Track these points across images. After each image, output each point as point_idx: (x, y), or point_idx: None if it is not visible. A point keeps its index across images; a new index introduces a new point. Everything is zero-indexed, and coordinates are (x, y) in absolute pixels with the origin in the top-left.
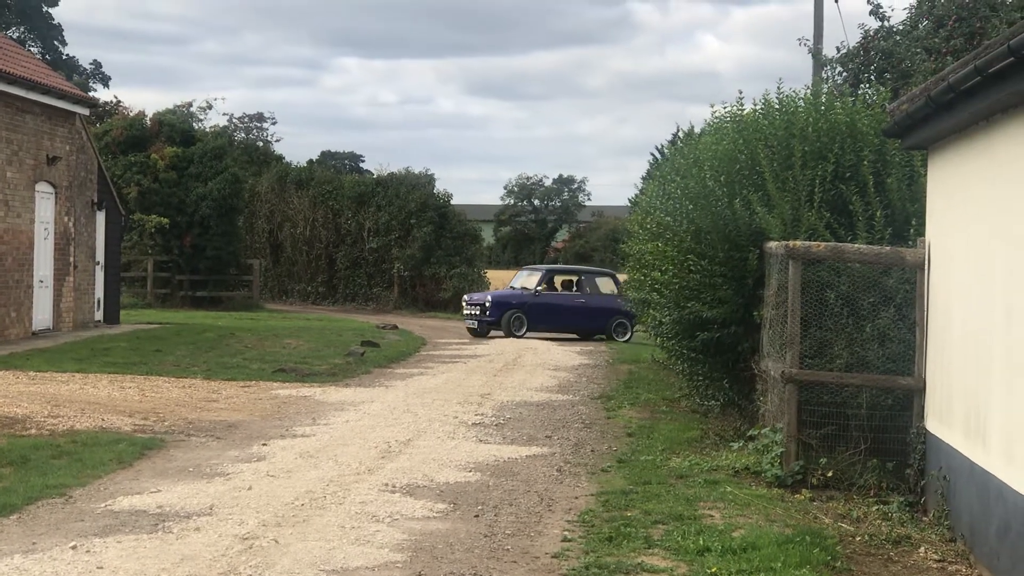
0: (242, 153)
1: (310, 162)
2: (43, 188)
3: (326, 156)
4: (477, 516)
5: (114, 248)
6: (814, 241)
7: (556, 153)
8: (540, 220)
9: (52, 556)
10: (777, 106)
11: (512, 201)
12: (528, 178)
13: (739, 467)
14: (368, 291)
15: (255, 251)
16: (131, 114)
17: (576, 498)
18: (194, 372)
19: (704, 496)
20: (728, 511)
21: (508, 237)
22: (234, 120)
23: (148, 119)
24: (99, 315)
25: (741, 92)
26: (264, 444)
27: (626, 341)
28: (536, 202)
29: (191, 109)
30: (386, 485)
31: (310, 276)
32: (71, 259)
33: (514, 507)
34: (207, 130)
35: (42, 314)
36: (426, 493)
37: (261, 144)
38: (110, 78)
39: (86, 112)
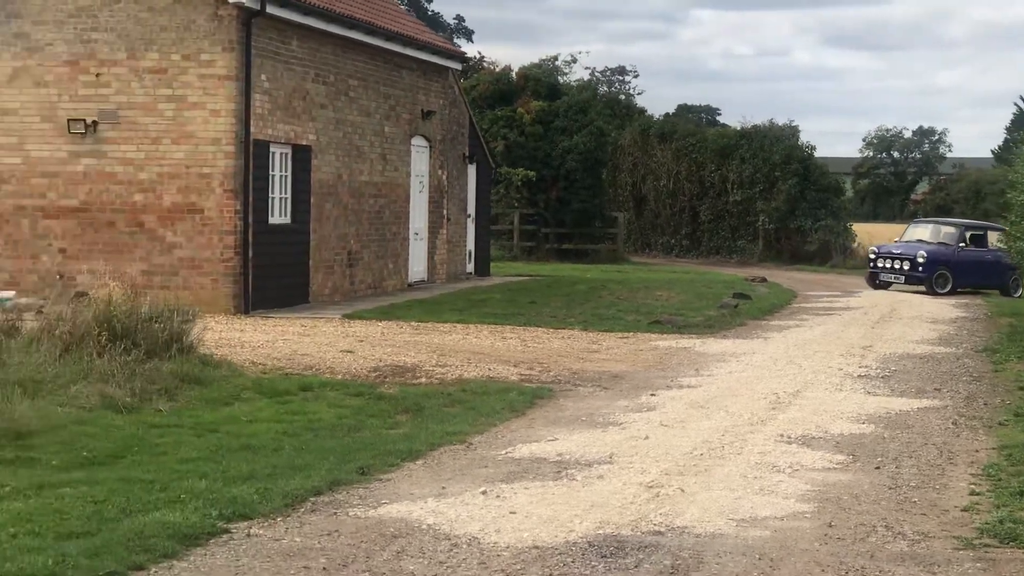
0: (604, 107)
1: (667, 115)
2: (418, 142)
3: (682, 109)
4: (878, 468)
5: (484, 201)
6: None
7: (914, 104)
8: (899, 172)
9: (464, 500)
10: None
11: (871, 153)
12: (887, 130)
13: None
14: (732, 244)
15: (618, 204)
16: (497, 69)
17: (976, 451)
18: (571, 323)
19: None
20: None
21: (866, 190)
22: (596, 74)
23: (514, 73)
24: (470, 267)
25: None
26: (652, 394)
27: (1019, 296)
28: (895, 154)
29: (556, 63)
30: (781, 436)
31: (673, 229)
32: (444, 212)
33: (914, 459)
34: (572, 84)
35: (417, 266)
36: (822, 444)
37: (623, 98)
38: (473, 32)
39: (458, 67)
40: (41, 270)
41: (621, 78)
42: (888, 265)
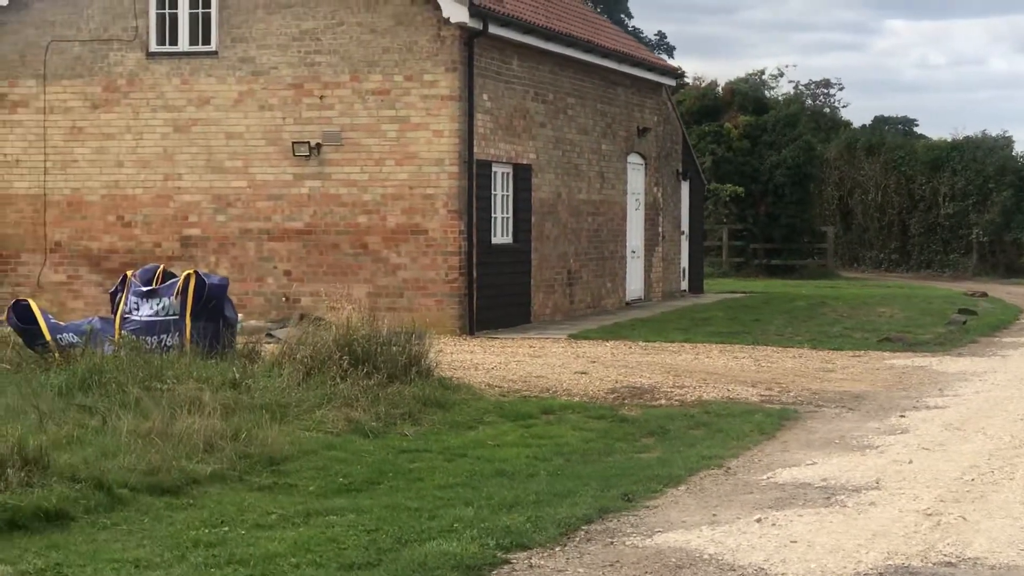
0: (809, 120)
1: (863, 127)
2: (634, 159)
3: (879, 121)
4: None
5: (697, 218)
6: None
7: None
8: None
9: (739, 529)
10: None
11: None
12: None
13: None
14: (944, 258)
15: (824, 219)
16: (703, 84)
17: None
18: (799, 342)
19: None
20: None
21: None
22: (800, 87)
23: (720, 88)
24: (684, 285)
25: None
26: (901, 415)
27: None
28: None
29: (763, 77)
30: None
31: (882, 243)
32: (659, 229)
33: None
34: (778, 98)
35: (634, 284)
36: None
37: (827, 111)
38: (675, 48)
39: (672, 83)
40: (267, 292)
41: (825, 91)
42: None
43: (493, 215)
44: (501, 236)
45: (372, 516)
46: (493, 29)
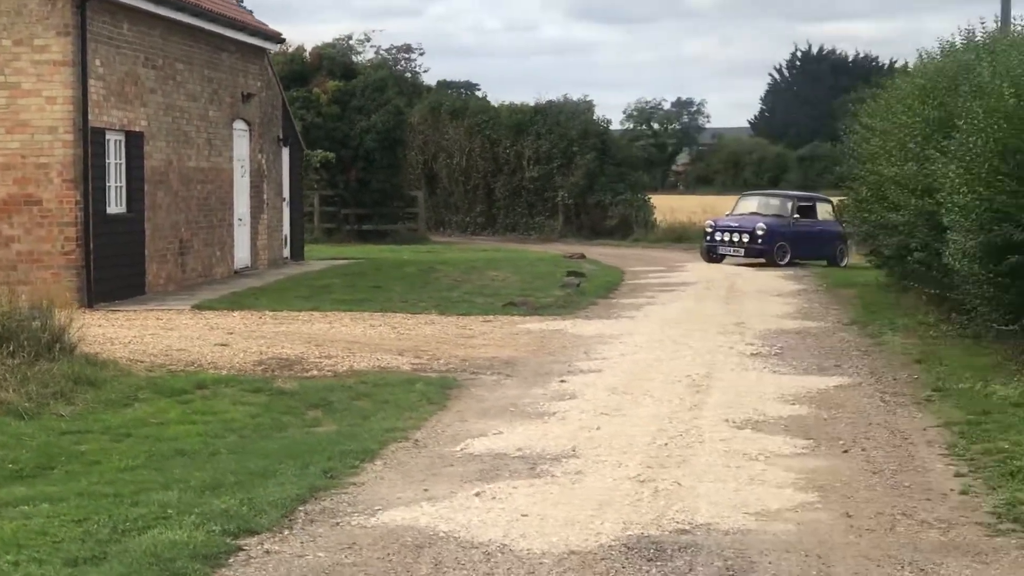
0: (395, 84)
1: (428, 89)
2: (239, 126)
3: (442, 85)
4: (846, 452)
5: (296, 184)
6: None
7: (664, 76)
8: (660, 144)
9: (461, 503)
10: None
11: (631, 125)
12: (647, 102)
13: None
14: (530, 220)
15: (410, 183)
16: (290, 49)
17: (924, 430)
18: (425, 308)
19: None
20: None
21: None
22: (381, 52)
23: (308, 53)
24: (287, 252)
25: None
26: (562, 380)
27: (845, 266)
28: (655, 126)
29: (350, 42)
30: (726, 421)
31: (468, 207)
32: (264, 196)
33: (871, 441)
34: (366, 63)
35: (242, 252)
36: (772, 428)
37: (410, 76)
38: (251, 12)
39: (275, 48)
40: None
41: (407, 56)
42: (727, 239)
43: (108, 184)
44: (115, 206)
45: (70, 505)
46: None
